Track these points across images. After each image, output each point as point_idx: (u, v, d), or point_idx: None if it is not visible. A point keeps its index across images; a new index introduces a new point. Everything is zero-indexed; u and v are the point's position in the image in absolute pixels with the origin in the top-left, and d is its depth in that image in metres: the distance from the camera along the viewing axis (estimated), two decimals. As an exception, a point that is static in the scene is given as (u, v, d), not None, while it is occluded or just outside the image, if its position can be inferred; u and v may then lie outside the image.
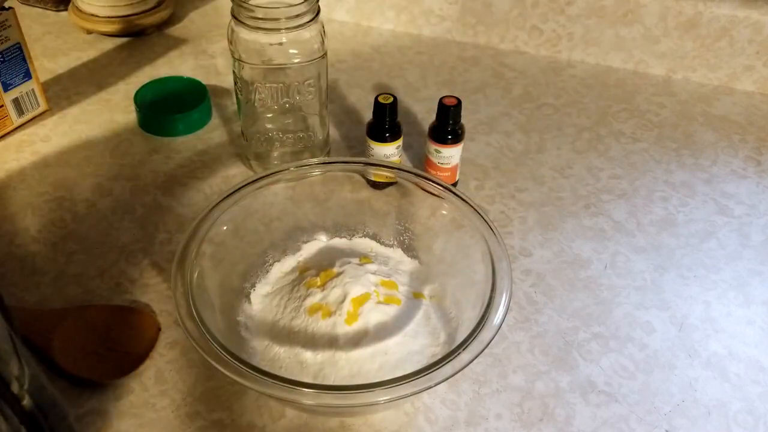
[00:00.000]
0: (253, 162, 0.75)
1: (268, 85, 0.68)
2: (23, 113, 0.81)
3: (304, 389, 0.44)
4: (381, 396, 0.43)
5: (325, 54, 0.68)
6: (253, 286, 0.60)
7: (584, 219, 0.71)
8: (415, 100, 0.88)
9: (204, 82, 0.86)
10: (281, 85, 0.68)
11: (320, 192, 0.63)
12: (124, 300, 0.61)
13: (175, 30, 1.02)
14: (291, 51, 0.67)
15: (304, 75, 0.68)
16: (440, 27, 1.00)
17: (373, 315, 0.54)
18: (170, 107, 0.81)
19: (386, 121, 0.68)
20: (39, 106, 0.83)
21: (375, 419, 0.53)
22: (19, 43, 0.78)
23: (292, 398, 0.44)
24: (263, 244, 0.62)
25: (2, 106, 0.78)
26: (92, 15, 0.96)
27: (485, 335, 0.46)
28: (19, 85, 0.79)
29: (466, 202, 0.57)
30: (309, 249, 0.64)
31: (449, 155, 0.69)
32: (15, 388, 0.33)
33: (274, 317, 0.57)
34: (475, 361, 0.45)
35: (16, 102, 0.80)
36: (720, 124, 0.86)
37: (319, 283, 0.57)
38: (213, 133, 0.82)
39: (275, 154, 0.74)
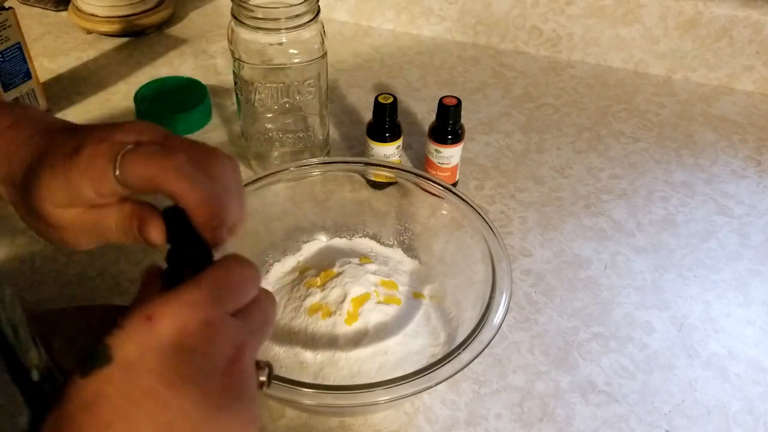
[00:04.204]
0: (253, 162, 0.75)
1: (268, 85, 0.68)
2: (23, 113, 0.81)
3: (304, 389, 0.44)
4: (381, 396, 0.43)
5: (325, 54, 0.68)
6: (253, 286, 0.60)
7: (584, 219, 0.71)
8: (415, 100, 0.88)
9: (204, 82, 0.86)
10: (281, 85, 0.68)
11: (320, 192, 0.63)
12: (124, 300, 0.61)
13: (175, 30, 1.02)
14: (291, 51, 0.67)
15: (304, 75, 0.68)
16: (440, 27, 1.00)
17: (373, 315, 0.54)
18: (170, 107, 0.81)
19: (386, 121, 0.68)
20: (39, 105, 0.83)
21: (375, 419, 0.53)
22: (19, 43, 0.78)
23: (292, 398, 0.44)
24: (263, 244, 0.62)
25: (2, 106, 0.78)
26: (92, 15, 0.96)
27: (485, 335, 0.46)
28: (19, 85, 0.79)
29: (466, 202, 0.57)
30: (309, 249, 0.64)
31: (449, 155, 0.69)
32: (35, 376, 0.33)
33: (274, 317, 0.56)
34: (475, 361, 0.45)
35: (16, 102, 0.80)
36: (720, 124, 0.86)
37: (319, 283, 0.57)
38: (213, 133, 0.82)
39: (275, 154, 0.74)
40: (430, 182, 0.59)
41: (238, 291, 0.32)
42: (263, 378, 0.33)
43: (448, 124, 0.68)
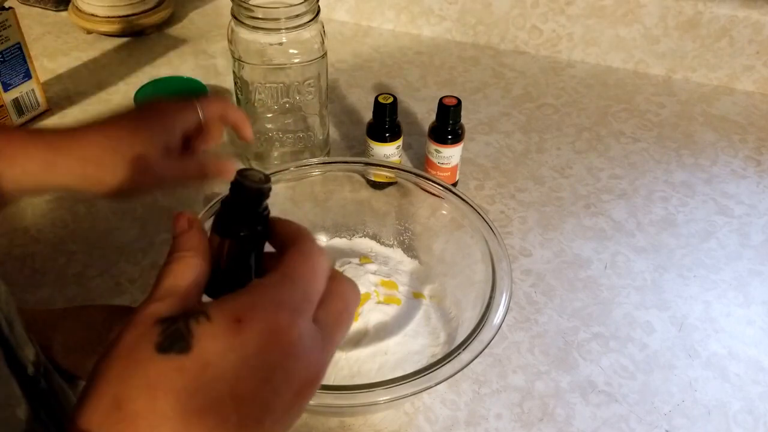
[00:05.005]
0: (253, 162, 0.75)
1: (268, 85, 0.68)
2: (23, 113, 0.81)
3: (304, 389, 0.44)
4: (381, 396, 0.43)
5: (325, 54, 0.68)
6: (253, 286, 0.60)
7: (584, 219, 0.71)
8: (415, 100, 0.88)
9: (204, 82, 0.86)
10: (281, 85, 0.68)
11: (320, 192, 0.63)
12: (124, 300, 0.61)
13: (175, 30, 1.02)
14: (291, 51, 0.67)
15: (304, 75, 0.68)
16: (440, 27, 1.00)
17: (373, 315, 0.54)
18: (170, 107, 0.81)
19: (386, 121, 0.68)
20: (39, 106, 0.83)
21: (375, 419, 0.53)
22: (19, 43, 0.78)
23: (292, 398, 0.44)
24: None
25: (2, 106, 0.78)
26: (92, 15, 0.96)
27: (485, 335, 0.46)
28: (19, 85, 0.79)
29: (466, 202, 0.57)
30: (309, 249, 0.64)
31: (449, 155, 0.69)
32: (31, 371, 0.33)
33: (274, 317, 0.56)
34: (475, 361, 0.45)
35: (16, 102, 0.80)
36: (720, 124, 0.86)
37: (319, 283, 0.57)
38: (213, 133, 0.82)
39: (275, 154, 0.74)
40: (430, 182, 0.59)
41: (327, 298, 0.31)
42: None
43: (448, 124, 0.68)
